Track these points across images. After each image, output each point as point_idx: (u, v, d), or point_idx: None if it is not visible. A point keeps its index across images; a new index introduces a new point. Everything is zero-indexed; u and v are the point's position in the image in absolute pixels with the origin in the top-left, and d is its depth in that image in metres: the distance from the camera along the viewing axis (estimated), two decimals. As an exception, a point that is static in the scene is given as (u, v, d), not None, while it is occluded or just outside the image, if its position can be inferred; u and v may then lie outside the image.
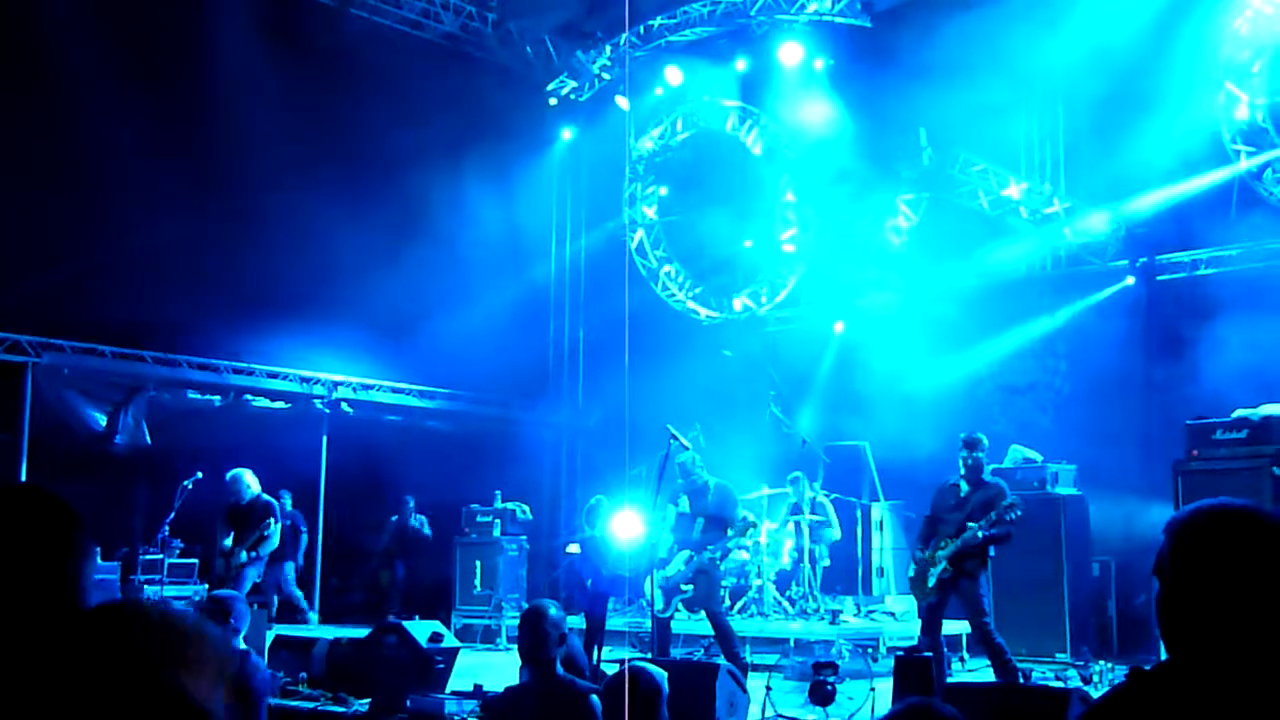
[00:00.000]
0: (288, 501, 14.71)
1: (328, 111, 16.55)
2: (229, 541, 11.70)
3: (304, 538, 15.21)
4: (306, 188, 15.76)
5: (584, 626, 10.27)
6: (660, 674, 5.04)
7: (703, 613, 10.80)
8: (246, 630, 7.25)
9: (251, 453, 13.59)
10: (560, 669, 5.76)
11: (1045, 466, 12.52)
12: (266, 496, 11.89)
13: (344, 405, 17.05)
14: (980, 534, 9.18)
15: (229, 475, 11.93)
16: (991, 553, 9.45)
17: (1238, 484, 10.16)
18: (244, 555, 11.52)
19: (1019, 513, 9.17)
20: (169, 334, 15.20)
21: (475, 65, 18.76)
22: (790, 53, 17.27)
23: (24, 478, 13.64)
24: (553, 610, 5.82)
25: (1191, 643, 2.25)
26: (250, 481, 11.89)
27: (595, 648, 10.11)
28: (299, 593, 14.26)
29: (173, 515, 12.22)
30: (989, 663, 9.39)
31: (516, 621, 10.04)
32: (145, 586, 13.36)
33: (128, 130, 14.11)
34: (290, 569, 14.29)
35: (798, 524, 13.73)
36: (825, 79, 17.42)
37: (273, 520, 11.72)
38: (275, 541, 11.83)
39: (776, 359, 17.34)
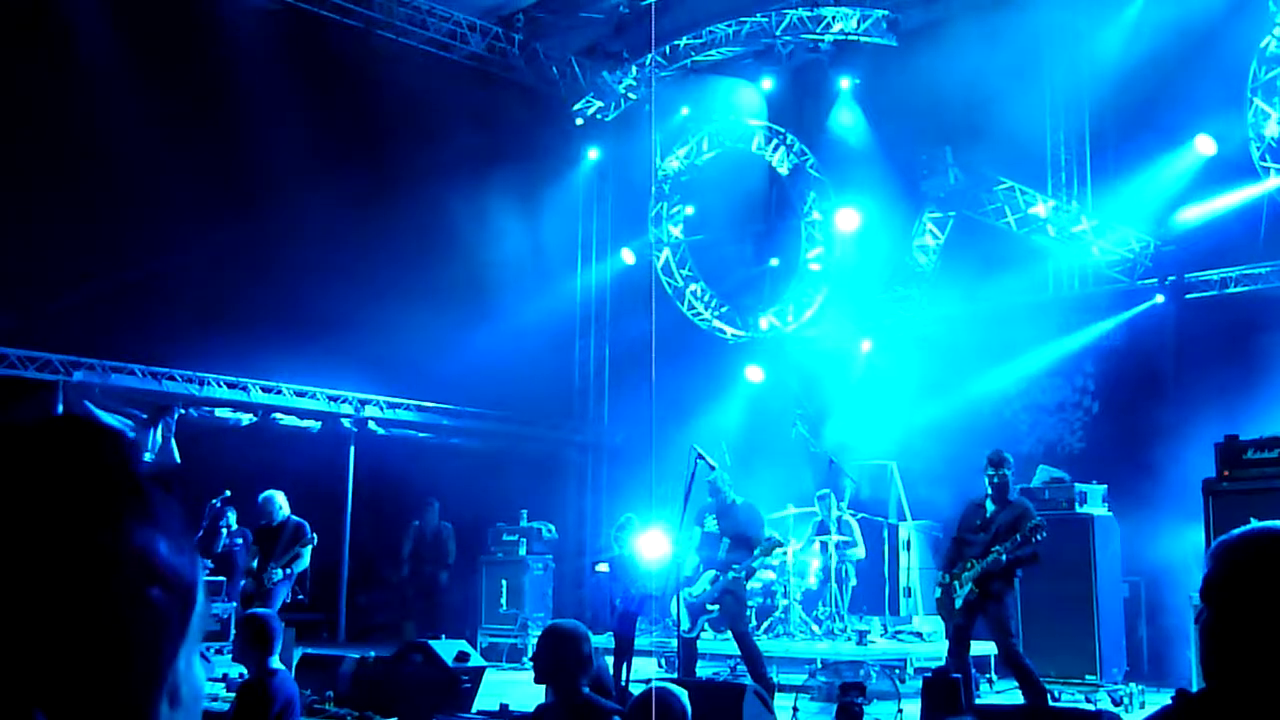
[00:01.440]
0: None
1: (354, 132, 16.65)
2: (255, 562, 11.74)
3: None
4: (334, 207, 15.86)
5: (612, 646, 10.24)
6: (683, 696, 5.01)
7: (729, 632, 10.76)
8: (279, 646, 7.28)
9: (279, 471, 13.65)
10: (586, 689, 5.72)
11: (1073, 486, 12.43)
12: (297, 518, 11.92)
13: (371, 424, 17.12)
14: (1005, 558, 9.10)
15: (261, 497, 11.98)
16: (1019, 574, 9.38)
17: (1270, 504, 10.04)
18: (279, 573, 11.57)
19: (1045, 534, 9.10)
20: (198, 353, 15.30)
21: (501, 86, 18.86)
22: (817, 72, 17.30)
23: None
24: (572, 630, 5.79)
25: (1239, 669, 2.22)
26: (282, 503, 11.94)
27: (624, 667, 10.07)
28: None
29: (201, 533, 12.27)
30: (1017, 684, 9.32)
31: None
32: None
33: (157, 152, 14.23)
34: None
35: (824, 543, 13.68)
36: (851, 98, 17.44)
37: (307, 539, 11.77)
38: (306, 562, 11.88)
39: (802, 378, 17.31)
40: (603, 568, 11.60)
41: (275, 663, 7.02)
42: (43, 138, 13.79)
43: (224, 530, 13.36)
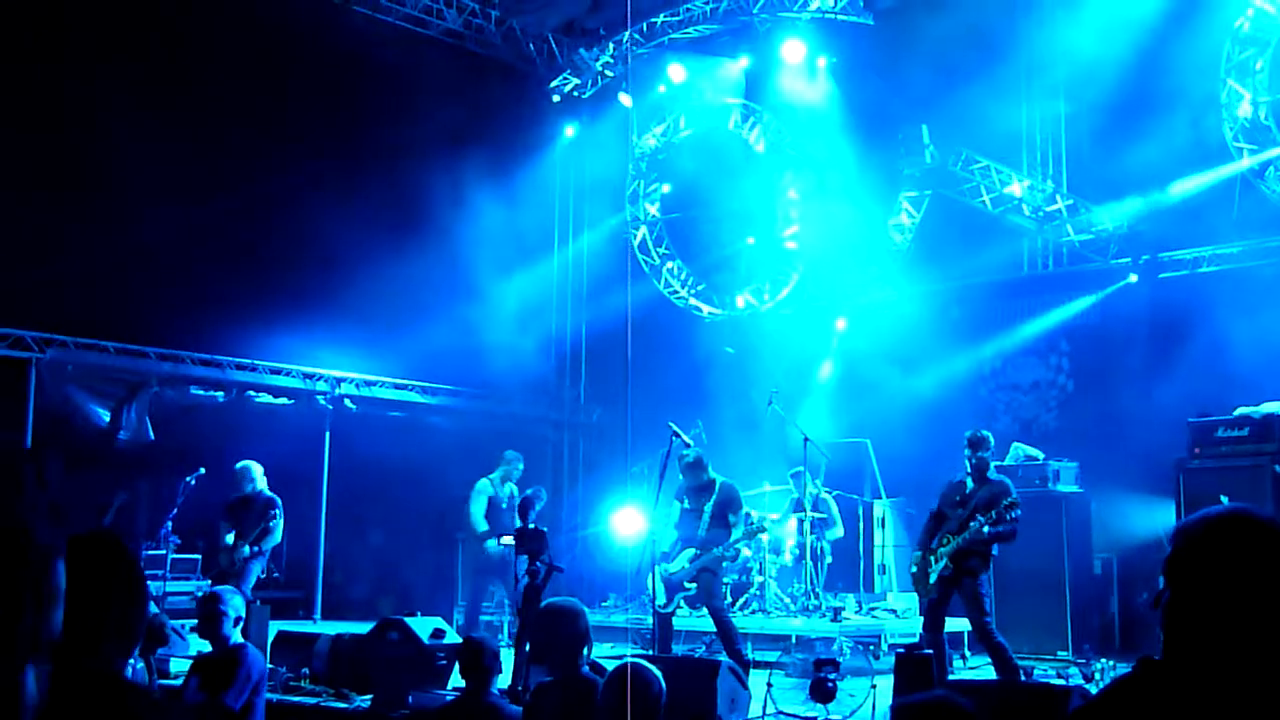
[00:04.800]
0: None
1: (331, 108, 16.57)
2: (230, 537, 11.68)
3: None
4: (310, 184, 15.78)
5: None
6: (657, 673, 5.03)
7: (704, 609, 10.80)
8: (244, 623, 7.33)
9: (254, 449, 13.59)
10: (585, 668, 5.72)
11: (1047, 464, 12.52)
12: (269, 492, 11.86)
13: (347, 402, 17.06)
14: (986, 529, 9.17)
15: (239, 465, 11.90)
16: (994, 551, 9.45)
17: (1239, 482, 10.17)
18: (247, 550, 11.52)
19: (1019, 512, 9.17)
20: (172, 330, 15.22)
21: (478, 62, 18.78)
22: (793, 50, 17.28)
23: (27, 473, 13.65)
24: (569, 607, 5.79)
25: (1196, 643, 2.29)
26: (257, 474, 11.88)
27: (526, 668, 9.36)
28: None
29: (176, 511, 12.23)
30: (990, 660, 9.40)
31: (524, 583, 9.90)
32: (148, 582, 13.35)
33: (130, 127, 14.13)
34: None
35: (800, 520, 13.73)
36: (828, 76, 17.44)
37: (276, 514, 11.71)
38: (278, 536, 11.82)
39: (778, 356, 17.34)
40: (507, 540, 11.44)
41: (237, 637, 7.09)
42: (15, 114, 13.67)
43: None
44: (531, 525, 10.00)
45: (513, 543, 10.43)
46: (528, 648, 8.94)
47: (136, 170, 14.22)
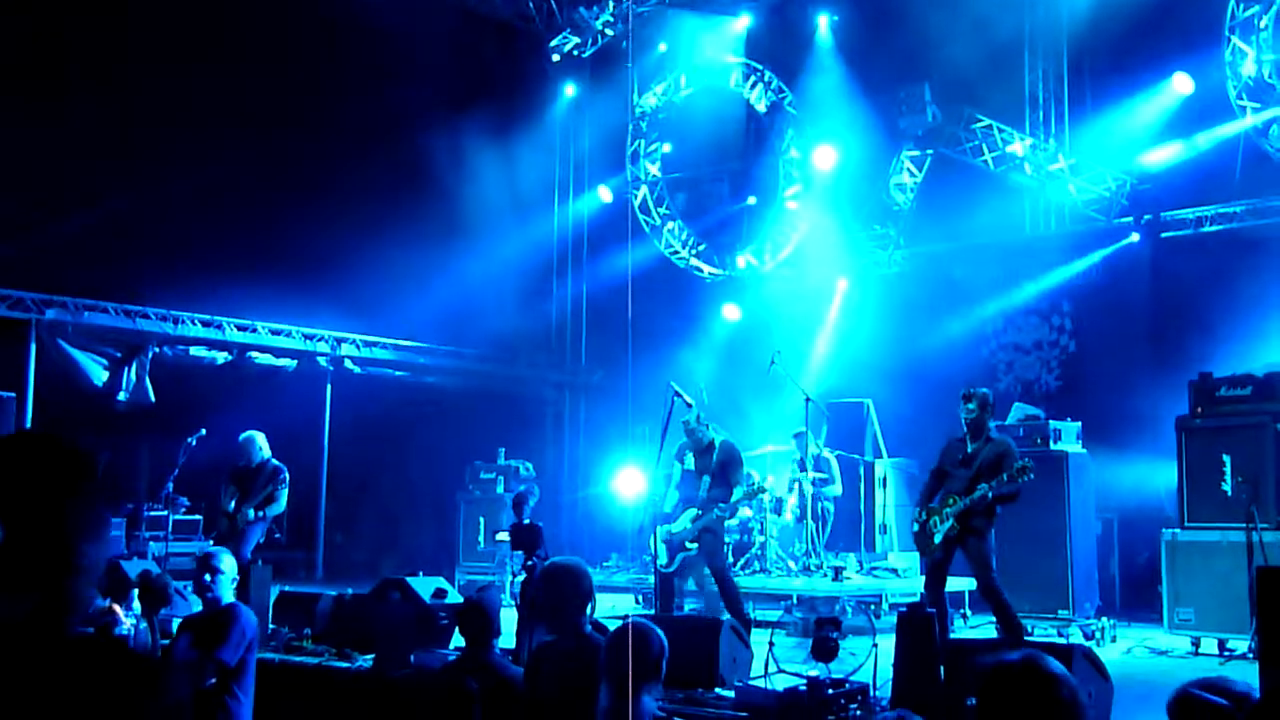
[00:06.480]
0: None
1: (330, 68, 16.46)
2: (232, 503, 11.65)
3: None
4: (310, 145, 15.71)
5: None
6: (659, 632, 5.02)
7: (706, 569, 10.81)
8: (236, 583, 7.36)
9: (255, 410, 13.59)
10: (588, 627, 5.70)
11: (1048, 423, 12.49)
12: (276, 461, 11.82)
13: (348, 362, 17.05)
14: (990, 494, 9.16)
15: (242, 437, 11.85)
16: (999, 510, 9.44)
17: (1241, 441, 10.15)
18: (251, 513, 11.50)
19: (1031, 475, 9.13)
20: (172, 290, 15.19)
21: (477, 22, 18.65)
22: (795, 9, 17.15)
23: (29, 434, 13.65)
24: (573, 566, 5.77)
25: None
26: (262, 444, 11.83)
27: (527, 641, 9.10)
28: None
29: (177, 472, 12.22)
30: (993, 619, 9.40)
31: (520, 578, 9.87)
32: (150, 543, 13.40)
33: (131, 88, 14.06)
34: None
35: (800, 481, 13.74)
36: (830, 34, 17.31)
37: (283, 481, 11.67)
38: (283, 505, 11.78)
39: (779, 316, 17.31)
40: (503, 537, 11.40)
41: (230, 597, 7.13)
42: (18, 77, 13.59)
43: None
44: (526, 521, 9.95)
45: (508, 539, 10.37)
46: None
47: (136, 132, 14.17)
